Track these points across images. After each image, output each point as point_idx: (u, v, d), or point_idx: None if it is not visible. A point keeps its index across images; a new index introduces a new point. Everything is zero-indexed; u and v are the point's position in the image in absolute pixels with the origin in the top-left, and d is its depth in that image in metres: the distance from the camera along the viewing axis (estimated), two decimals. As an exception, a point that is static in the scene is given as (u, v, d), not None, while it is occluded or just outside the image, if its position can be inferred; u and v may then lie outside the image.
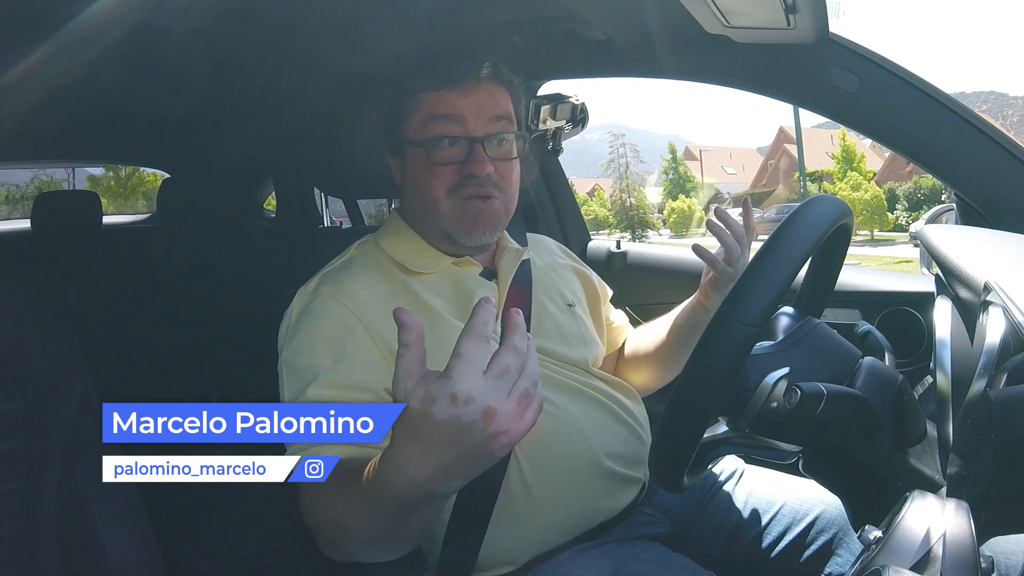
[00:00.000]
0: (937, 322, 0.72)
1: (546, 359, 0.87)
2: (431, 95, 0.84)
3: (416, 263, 0.87)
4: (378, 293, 0.82)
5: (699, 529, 0.93)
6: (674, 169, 29.33)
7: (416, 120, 0.85)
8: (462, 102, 0.84)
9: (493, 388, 0.48)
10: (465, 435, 0.49)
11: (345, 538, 0.62)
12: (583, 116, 1.42)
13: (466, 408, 0.48)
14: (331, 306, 0.80)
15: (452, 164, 0.83)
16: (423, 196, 0.86)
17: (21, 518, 0.76)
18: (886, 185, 21.00)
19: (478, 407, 0.48)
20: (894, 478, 0.68)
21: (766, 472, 0.98)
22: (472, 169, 0.83)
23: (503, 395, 0.49)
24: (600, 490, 0.84)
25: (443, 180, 0.84)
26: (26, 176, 17.50)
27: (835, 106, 1.02)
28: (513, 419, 0.49)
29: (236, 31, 1.15)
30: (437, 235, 0.88)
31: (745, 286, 0.57)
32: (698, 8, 0.90)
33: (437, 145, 0.83)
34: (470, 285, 0.87)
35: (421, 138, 0.84)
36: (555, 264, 1.01)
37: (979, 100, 77.26)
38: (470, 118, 0.84)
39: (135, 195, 19.23)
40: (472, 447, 0.49)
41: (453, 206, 0.84)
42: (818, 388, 0.59)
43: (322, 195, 2.11)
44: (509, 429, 0.49)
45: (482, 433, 0.48)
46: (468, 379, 0.48)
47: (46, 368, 0.81)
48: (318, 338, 0.78)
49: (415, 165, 0.86)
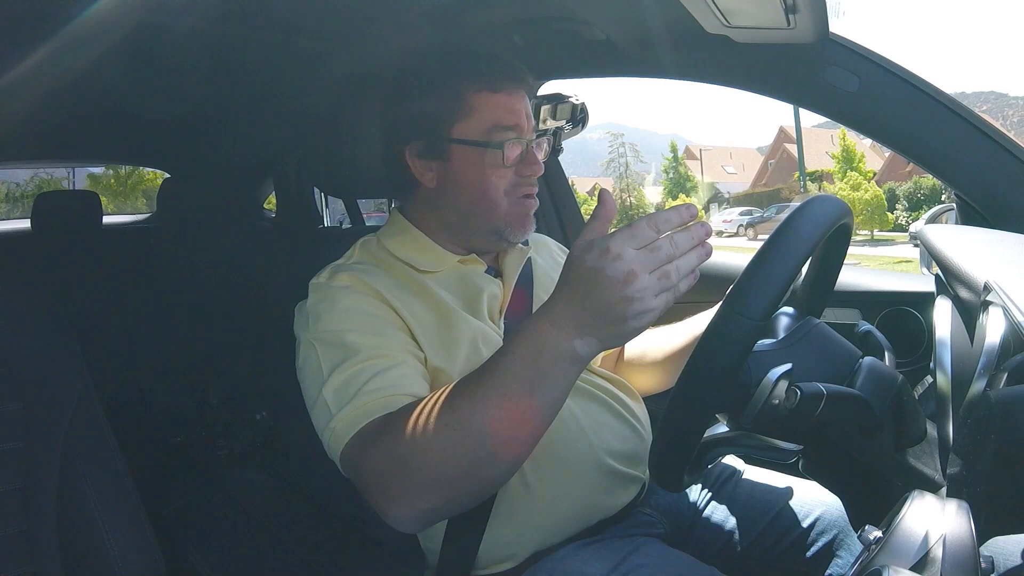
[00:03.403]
0: (937, 322, 0.72)
1: None
2: (488, 96, 0.84)
3: (423, 262, 0.88)
4: (391, 284, 0.82)
5: (699, 530, 0.93)
6: (674, 168, 29.36)
7: (472, 121, 0.84)
8: (519, 105, 0.85)
9: (641, 257, 0.55)
10: (605, 288, 0.55)
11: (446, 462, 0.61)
12: (583, 116, 1.42)
13: (613, 263, 0.54)
14: (352, 291, 0.80)
15: (513, 165, 0.85)
16: (479, 196, 0.85)
17: (21, 518, 0.76)
18: (886, 185, 21.02)
19: (623, 266, 0.54)
20: (894, 478, 0.68)
21: (766, 472, 0.98)
22: (530, 170, 0.86)
23: (648, 267, 0.55)
24: (600, 488, 0.84)
25: (504, 180, 0.85)
26: (26, 174, 17.53)
27: (835, 106, 1.02)
28: (648, 292, 0.55)
29: (236, 31, 1.15)
30: (479, 233, 0.88)
31: (748, 282, 0.57)
32: (698, 8, 0.90)
33: (504, 147, 0.83)
34: (478, 281, 0.88)
35: (481, 140, 0.84)
36: (555, 263, 1.02)
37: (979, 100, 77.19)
38: (524, 121, 0.86)
39: (135, 193, 19.45)
40: (608, 303, 0.55)
41: (510, 205, 0.86)
42: (818, 388, 0.59)
43: (322, 195, 2.11)
44: (643, 298, 0.55)
45: (619, 291, 0.54)
46: (623, 242, 0.55)
47: (46, 368, 0.81)
48: (354, 312, 0.78)
49: (467, 165, 0.85)
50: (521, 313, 0.90)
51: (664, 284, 0.55)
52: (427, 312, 0.82)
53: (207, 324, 1.98)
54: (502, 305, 0.89)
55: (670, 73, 1.17)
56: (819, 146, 31.62)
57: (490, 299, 0.87)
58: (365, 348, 0.74)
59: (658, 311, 0.56)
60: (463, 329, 0.81)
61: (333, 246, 0.93)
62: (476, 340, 0.82)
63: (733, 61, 1.06)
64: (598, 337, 0.57)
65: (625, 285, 0.54)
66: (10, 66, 1.01)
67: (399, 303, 0.80)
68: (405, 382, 0.72)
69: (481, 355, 0.80)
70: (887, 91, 0.99)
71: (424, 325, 0.80)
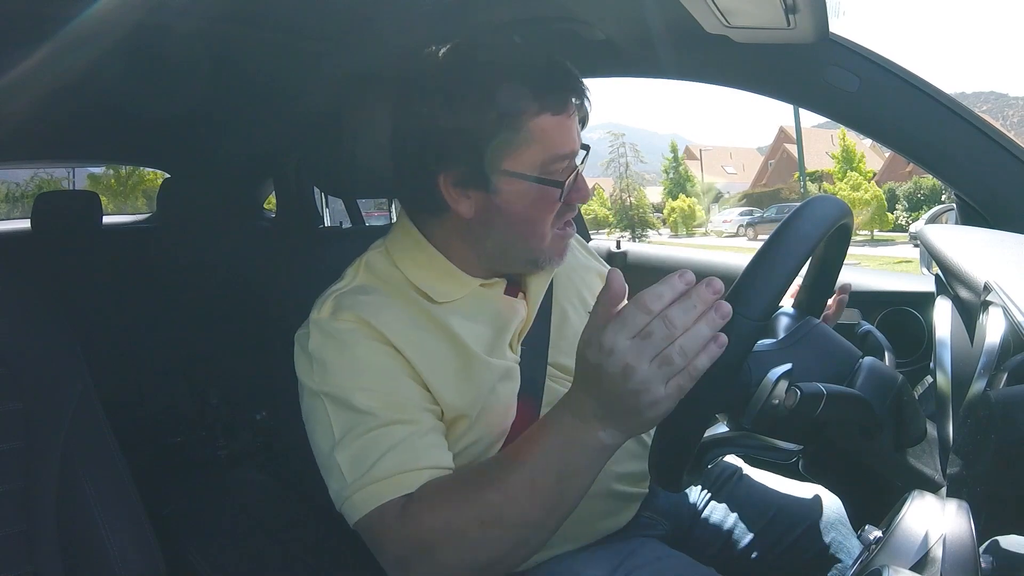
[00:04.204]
0: (937, 322, 0.72)
1: (565, 378, 0.81)
2: (547, 119, 0.70)
3: (441, 292, 0.76)
4: (402, 319, 0.73)
5: (698, 530, 0.93)
6: (675, 168, 29.34)
7: (529, 151, 0.70)
8: (573, 128, 0.73)
9: (635, 348, 0.51)
10: (609, 384, 0.53)
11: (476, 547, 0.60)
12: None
13: (608, 359, 0.52)
14: (359, 335, 0.70)
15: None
16: (525, 233, 0.75)
17: (21, 518, 0.76)
18: (886, 185, 21.07)
19: (618, 361, 0.52)
20: (894, 478, 0.68)
21: (766, 473, 0.98)
22: (579, 196, 0.76)
23: (644, 356, 0.51)
24: (605, 511, 0.83)
25: (553, 211, 0.74)
26: (26, 174, 17.59)
27: (835, 106, 1.02)
28: (652, 382, 0.52)
29: (236, 31, 1.15)
30: (515, 264, 0.79)
31: (748, 280, 0.57)
32: (698, 8, 0.90)
33: (564, 183, 0.72)
34: (500, 308, 0.80)
35: (537, 174, 0.71)
36: (577, 265, 0.94)
37: (979, 100, 77.17)
38: (578, 144, 0.75)
39: (135, 193, 19.55)
40: (618, 396, 0.53)
41: (554, 236, 0.77)
42: (818, 388, 0.59)
43: (322, 195, 2.11)
44: (648, 389, 0.52)
45: (622, 386, 0.52)
46: (614, 334, 0.52)
47: (46, 368, 0.81)
48: (362, 364, 0.69)
49: (516, 199, 0.72)
50: (537, 335, 0.82)
51: (668, 371, 0.51)
52: (443, 352, 0.73)
53: (207, 324, 1.98)
54: (523, 329, 0.80)
55: (670, 73, 1.17)
56: (819, 146, 31.62)
57: (511, 325, 0.79)
58: (379, 412, 0.67)
59: (673, 398, 0.53)
60: (482, 372, 0.74)
61: (333, 246, 0.92)
62: (495, 383, 0.75)
63: (733, 61, 1.06)
64: (620, 428, 0.56)
65: (625, 380, 0.52)
66: (10, 66, 1.01)
67: (411, 348, 0.71)
68: (424, 453, 0.67)
69: (498, 395, 0.75)
70: (887, 91, 0.99)
71: (439, 368, 0.72)
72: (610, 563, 0.75)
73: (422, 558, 0.61)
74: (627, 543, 0.81)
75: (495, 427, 0.75)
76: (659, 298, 0.52)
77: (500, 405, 0.75)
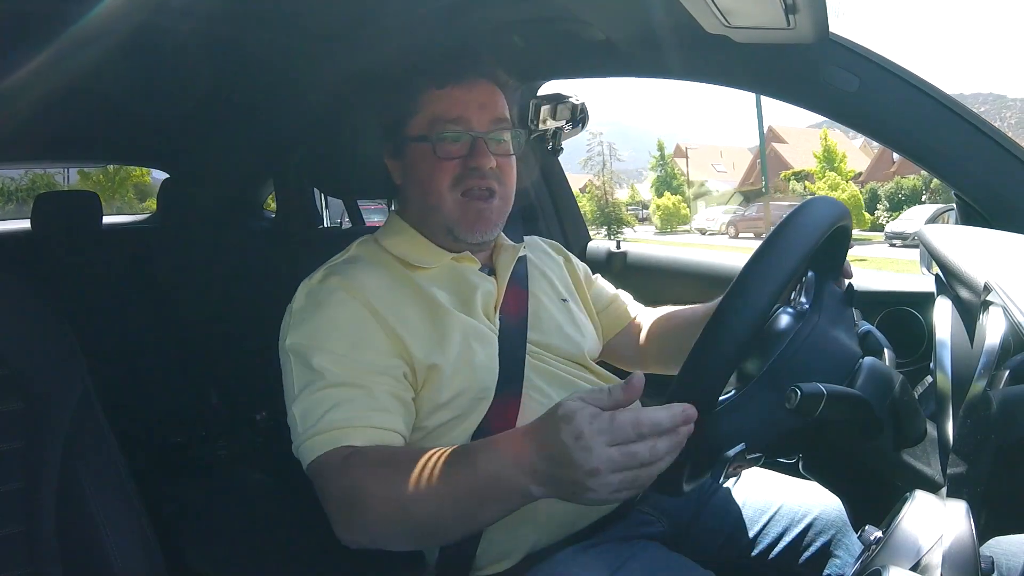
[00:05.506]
0: (937, 322, 0.72)
1: (545, 354, 0.89)
2: (434, 92, 0.86)
3: (417, 258, 0.88)
4: (383, 284, 0.83)
5: (697, 529, 0.93)
6: (662, 166, 29.26)
7: (419, 118, 0.87)
8: (465, 98, 0.86)
9: (612, 458, 0.54)
10: (568, 467, 0.55)
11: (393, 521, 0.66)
12: (583, 116, 1.42)
13: (580, 451, 0.54)
14: (340, 296, 0.80)
15: (456, 158, 0.85)
16: (426, 191, 0.87)
17: (21, 518, 0.76)
18: (868, 185, 21.36)
19: (589, 460, 0.54)
20: (894, 478, 0.68)
21: (765, 472, 0.98)
22: (476, 162, 0.85)
23: (615, 469, 0.54)
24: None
25: (447, 173, 0.85)
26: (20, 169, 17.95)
27: (835, 106, 1.02)
28: (607, 488, 0.55)
29: (236, 31, 1.15)
30: (440, 232, 0.89)
31: (748, 280, 0.57)
32: (698, 8, 0.90)
33: (441, 140, 0.85)
34: (471, 279, 0.89)
35: (425, 134, 0.86)
36: (547, 261, 1.04)
37: (978, 101, 77.12)
38: (473, 115, 0.86)
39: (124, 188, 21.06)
40: (566, 478, 0.56)
41: (455, 201, 0.86)
42: (818, 388, 0.59)
43: (322, 195, 2.11)
44: (598, 491, 0.55)
45: (578, 476, 0.55)
46: (599, 435, 0.54)
47: (46, 368, 0.81)
48: (330, 325, 0.79)
49: (418, 161, 0.87)
50: (518, 311, 0.91)
51: (625, 484, 0.55)
52: (417, 311, 0.82)
53: (207, 324, 1.98)
54: (496, 302, 0.89)
55: (670, 73, 1.17)
56: (808, 145, 31.57)
57: (484, 296, 0.88)
58: (331, 373, 0.76)
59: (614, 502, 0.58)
60: (454, 325, 0.82)
61: (333, 246, 0.93)
62: (468, 336, 0.83)
63: (733, 61, 1.06)
64: (553, 492, 0.59)
65: (586, 476, 0.54)
66: (10, 66, 1.01)
67: (388, 306, 0.80)
68: (368, 414, 0.74)
69: (472, 350, 0.82)
70: (887, 91, 0.99)
71: (414, 325, 0.81)
72: (609, 566, 0.75)
73: (352, 510, 0.68)
74: (627, 546, 0.81)
75: (476, 382, 0.81)
76: (656, 426, 0.55)
77: (478, 362, 0.82)
